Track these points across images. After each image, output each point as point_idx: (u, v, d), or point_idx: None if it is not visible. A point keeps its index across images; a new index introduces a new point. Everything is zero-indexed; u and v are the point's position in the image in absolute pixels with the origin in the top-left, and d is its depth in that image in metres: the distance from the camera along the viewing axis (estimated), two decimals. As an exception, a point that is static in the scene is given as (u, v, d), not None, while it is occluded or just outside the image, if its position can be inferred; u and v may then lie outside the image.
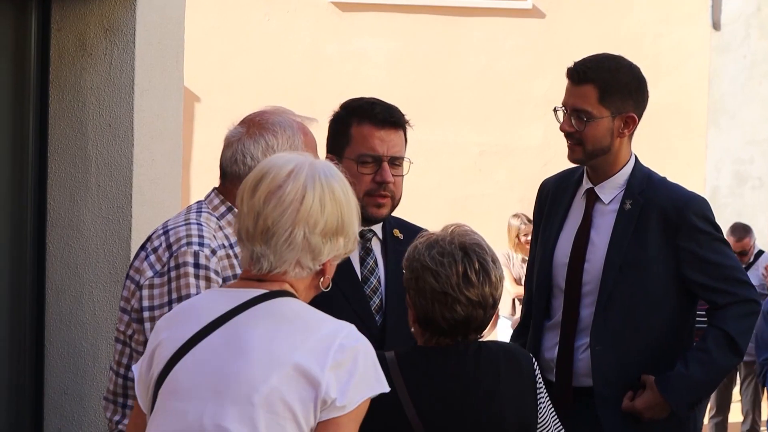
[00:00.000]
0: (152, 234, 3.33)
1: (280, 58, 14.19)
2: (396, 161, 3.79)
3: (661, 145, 13.70)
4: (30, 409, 4.90)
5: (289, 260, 2.62)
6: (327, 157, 3.78)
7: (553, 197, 4.30)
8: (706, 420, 9.44)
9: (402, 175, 3.83)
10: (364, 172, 3.75)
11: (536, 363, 3.25)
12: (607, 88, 4.03)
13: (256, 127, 3.37)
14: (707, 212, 4.12)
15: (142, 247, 3.32)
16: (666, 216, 4.06)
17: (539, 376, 3.23)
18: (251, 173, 2.67)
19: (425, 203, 13.52)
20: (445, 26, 14.34)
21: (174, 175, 5.22)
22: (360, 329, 3.60)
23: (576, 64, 4.11)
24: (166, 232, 3.27)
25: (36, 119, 4.88)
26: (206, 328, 2.59)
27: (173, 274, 3.15)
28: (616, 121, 4.06)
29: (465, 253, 3.12)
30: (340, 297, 3.69)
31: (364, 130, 3.77)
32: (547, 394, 3.24)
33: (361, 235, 3.81)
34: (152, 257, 3.24)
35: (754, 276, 9.83)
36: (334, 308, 3.65)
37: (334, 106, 3.88)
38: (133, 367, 2.72)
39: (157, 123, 5.07)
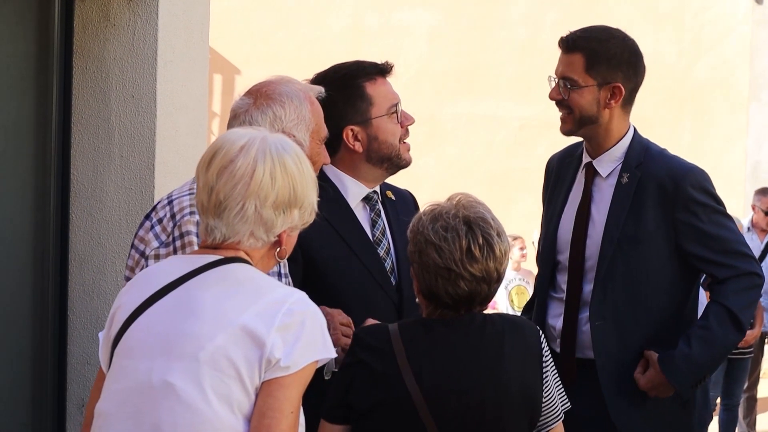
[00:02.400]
0: (157, 204, 3.33)
1: (321, 31, 14.16)
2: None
3: (702, 119, 13.55)
4: (53, 379, 4.93)
5: (242, 232, 2.69)
6: (349, 129, 3.78)
7: (558, 173, 4.28)
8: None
9: None
10: (395, 120, 3.83)
11: (543, 335, 3.21)
12: (594, 57, 4.02)
13: (263, 98, 3.35)
14: (706, 184, 4.04)
15: (147, 217, 3.32)
16: (663, 188, 4.01)
17: (546, 348, 3.19)
18: (207, 149, 2.75)
19: (466, 176, 13.47)
20: (486, -1, 14.25)
21: (198, 146, 5.20)
22: (377, 291, 3.64)
23: (569, 33, 4.10)
24: (170, 203, 3.27)
25: (59, 90, 4.88)
26: (161, 290, 2.68)
27: (178, 243, 3.16)
28: (603, 91, 4.03)
29: (469, 228, 3.08)
30: (356, 261, 3.71)
31: (380, 84, 3.84)
32: (553, 367, 3.21)
33: (368, 197, 3.83)
34: (157, 228, 3.25)
35: None
36: (351, 270, 3.68)
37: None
38: (99, 334, 2.80)
39: (181, 94, 5.05)
